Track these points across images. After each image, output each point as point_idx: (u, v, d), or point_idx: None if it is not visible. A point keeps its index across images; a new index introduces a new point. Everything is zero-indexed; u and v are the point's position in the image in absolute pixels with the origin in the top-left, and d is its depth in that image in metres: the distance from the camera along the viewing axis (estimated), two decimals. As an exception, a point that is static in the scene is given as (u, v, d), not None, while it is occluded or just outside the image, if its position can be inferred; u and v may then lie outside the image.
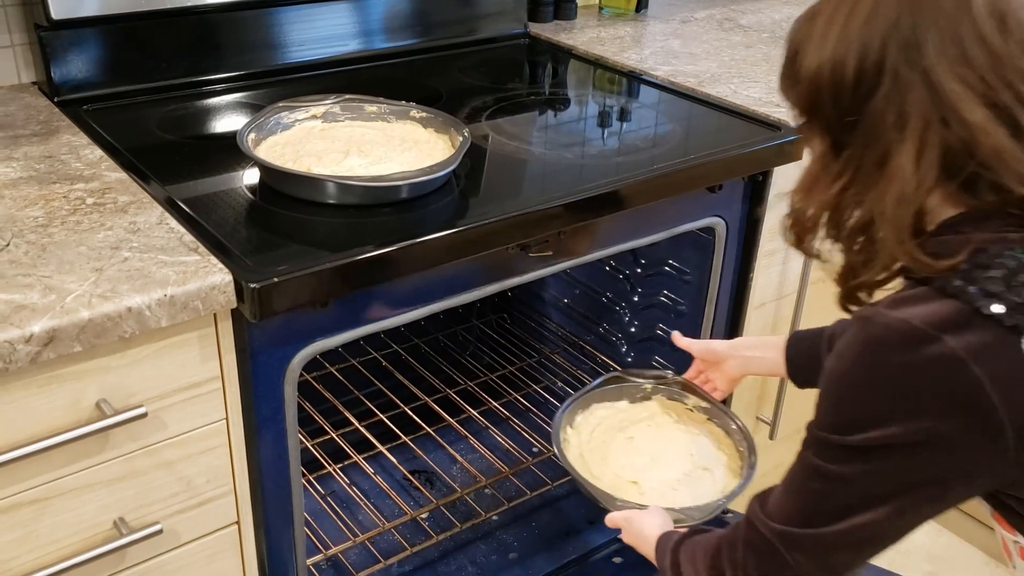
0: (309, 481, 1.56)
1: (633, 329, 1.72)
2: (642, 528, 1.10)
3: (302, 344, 1.05)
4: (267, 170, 1.14)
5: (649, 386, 1.41)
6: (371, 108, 1.31)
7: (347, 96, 1.31)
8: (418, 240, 1.04)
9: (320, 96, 1.30)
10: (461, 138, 1.21)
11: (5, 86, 1.41)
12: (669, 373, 1.41)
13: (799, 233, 0.86)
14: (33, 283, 0.90)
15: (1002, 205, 0.75)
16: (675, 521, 1.14)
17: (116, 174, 1.14)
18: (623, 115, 1.53)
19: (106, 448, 0.95)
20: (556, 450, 1.28)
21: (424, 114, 1.30)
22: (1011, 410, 0.72)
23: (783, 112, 1.43)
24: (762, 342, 1.26)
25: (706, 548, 0.94)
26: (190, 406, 0.98)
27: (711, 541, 0.94)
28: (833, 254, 0.87)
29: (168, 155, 1.25)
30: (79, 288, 0.90)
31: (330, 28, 1.58)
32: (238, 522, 1.09)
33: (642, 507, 1.15)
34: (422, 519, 1.51)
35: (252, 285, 0.93)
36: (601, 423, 1.37)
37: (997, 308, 0.72)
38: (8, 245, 0.97)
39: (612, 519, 1.17)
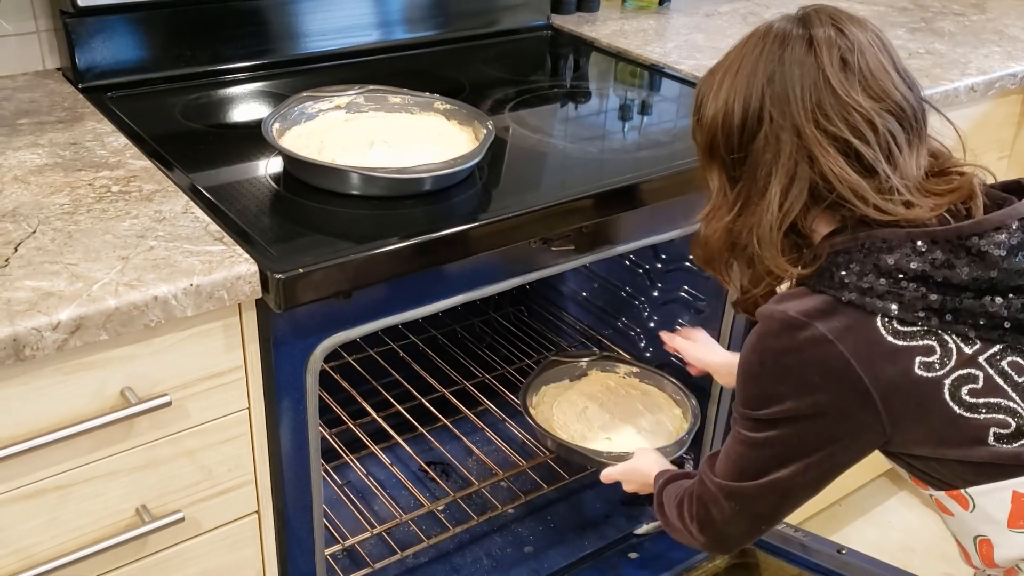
0: (326, 471, 1.56)
1: (652, 324, 1.71)
2: (640, 469, 1.26)
3: (324, 335, 1.05)
4: (291, 160, 1.14)
5: (584, 363, 1.63)
6: (395, 99, 1.30)
7: (371, 87, 1.30)
8: (442, 233, 1.04)
9: (344, 86, 1.30)
10: (485, 131, 1.20)
11: (30, 72, 1.42)
12: (597, 350, 1.69)
13: (706, 256, 1.01)
14: (60, 271, 0.91)
15: (860, 218, 0.90)
16: None
17: (141, 162, 1.15)
18: (646, 109, 1.52)
19: (130, 436, 0.95)
20: (534, 423, 1.45)
21: (448, 106, 1.29)
22: (873, 379, 0.87)
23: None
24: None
25: (678, 495, 1.10)
26: (213, 395, 0.99)
27: (681, 489, 1.10)
28: (735, 273, 1.02)
29: (192, 143, 1.25)
30: (106, 276, 0.90)
31: (353, 18, 1.58)
32: (258, 511, 1.09)
33: (628, 455, 1.31)
34: (438, 511, 1.52)
35: (278, 276, 0.93)
36: (554, 401, 1.56)
37: (851, 296, 0.88)
38: (35, 232, 0.97)
39: (609, 475, 1.31)
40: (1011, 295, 0.87)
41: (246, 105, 1.44)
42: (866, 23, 0.95)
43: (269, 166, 1.18)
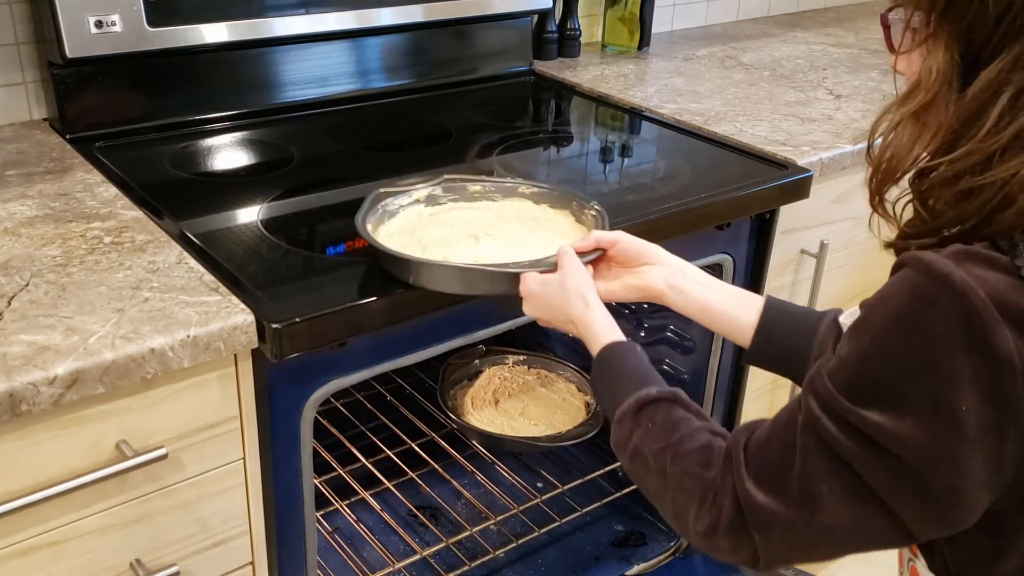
0: (316, 518, 1.55)
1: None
2: (567, 299, 0.91)
3: (319, 383, 1.05)
4: (399, 261, 1.01)
5: (477, 362, 1.72)
6: (474, 188, 1.20)
7: (447, 176, 1.20)
8: (436, 279, 1.05)
9: (420, 179, 1.19)
10: (594, 212, 1.11)
11: (17, 123, 1.42)
12: (483, 347, 1.73)
13: (884, 177, 0.70)
14: (55, 324, 0.90)
15: None
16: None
17: (132, 212, 1.15)
18: (631, 153, 1.54)
19: (125, 489, 0.94)
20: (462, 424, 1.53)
21: (534, 189, 1.19)
22: None
23: (790, 150, 1.45)
24: (709, 276, 1.01)
25: (693, 441, 0.76)
26: (209, 446, 0.98)
27: (699, 437, 0.76)
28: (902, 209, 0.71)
29: (182, 192, 1.26)
30: (102, 329, 0.90)
31: (336, 67, 1.60)
32: (252, 563, 1.08)
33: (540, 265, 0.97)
34: (430, 557, 1.51)
35: (275, 325, 0.93)
36: (468, 402, 1.63)
37: None
38: (28, 285, 0.97)
39: (527, 287, 0.95)
40: None
41: (233, 153, 1.45)
42: None
43: (259, 214, 1.19)
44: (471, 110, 1.65)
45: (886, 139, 0.71)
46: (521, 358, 1.75)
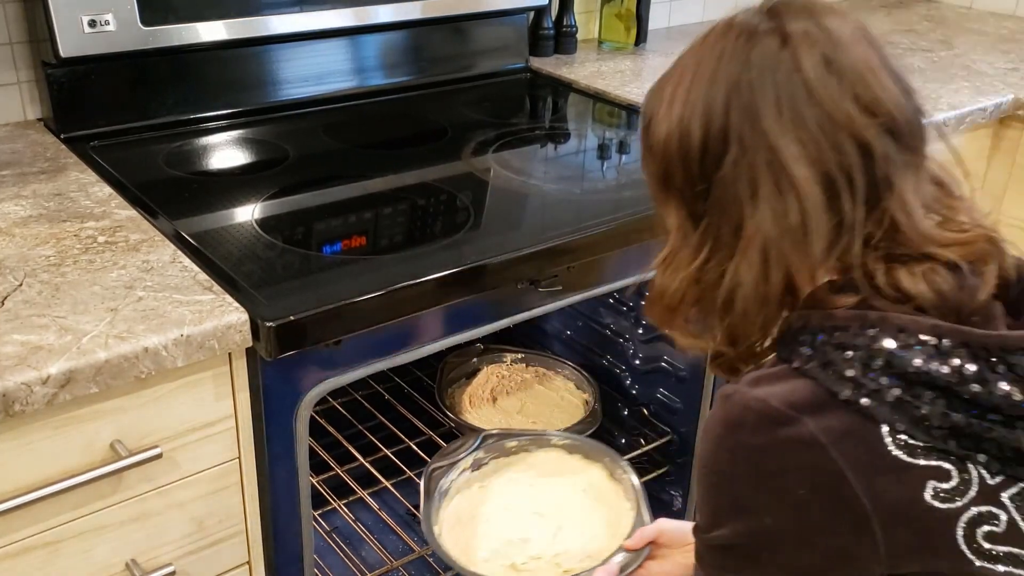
0: (314, 517, 1.55)
1: (637, 361, 1.72)
2: None
3: (314, 382, 1.05)
4: None
5: (475, 360, 1.69)
6: (511, 444, 1.28)
7: (484, 434, 1.29)
8: (430, 277, 1.05)
9: (462, 445, 1.27)
10: (625, 475, 1.19)
11: (11, 123, 1.42)
12: (480, 345, 1.69)
13: (664, 312, 0.81)
14: (48, 324, 0.90)
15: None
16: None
17: (126, 211, 1.14)
18: (628, 149, 1.54)
19: (119, 489, 0.94)
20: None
21: (566, 441, 1.28)
22: (873, 500, 0.68)
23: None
24: None
25: None
26: (203, 445, 0.98)
27: None
28: (704, 330, 0.82)
29: (176, 191, 1.25)
30: (95, 328, 0.89)
31: (332, 64, 1.59)
32: (249, 562, 1.08)
33: None
34: (428, 556, 1.50)
35: (268, 324, 0.93)
36: (466, 400, 1.61)
37: (849, 395, 0.69)
38: (21, 285, 0.97)
39: None
40: None
41: (228, 152, 1.44)
42: (847, 14, 0.76)
43: (255, 213, 1.19)
44: (467, 107, 1.65)
45: (653, 284, 0.83)
46: (519, 356, 1.75)
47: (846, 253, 0.72)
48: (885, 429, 0.68)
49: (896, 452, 0.68)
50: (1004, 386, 0.67)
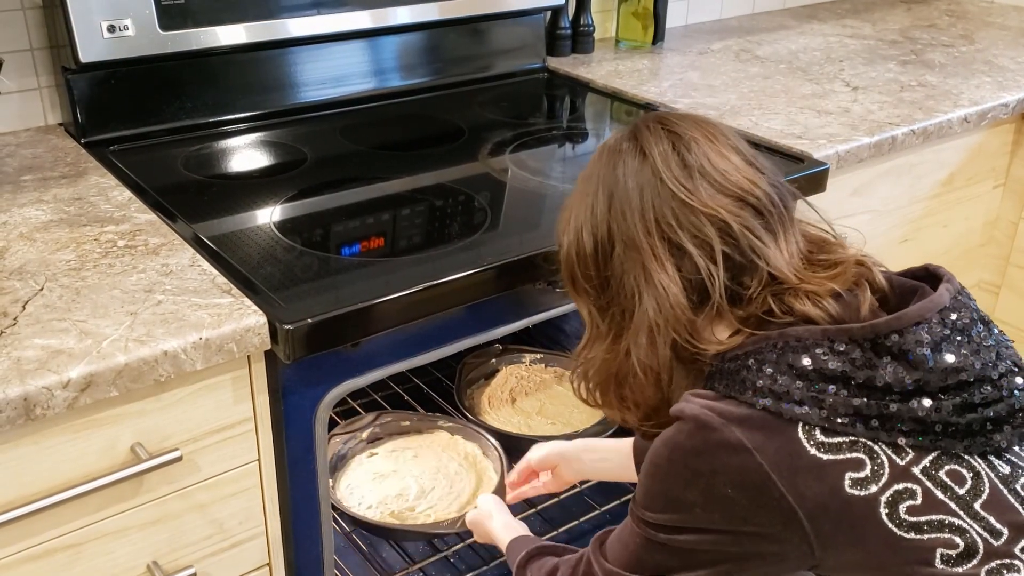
0: (334, 518, 1.55)
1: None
2: (483, 524, 1.19)
3: (332, 383, 1.05)
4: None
5: (493, 360, 1.72)
6: (404, 423, 1.54)
7: (380, 412, 1.55)
8: (448, 279, 1.05)
9: (362, 419, 1.51)
10: (497, 453, 1.45)
11: (32, 128, 1.43)
12: (499, 345, 1.72)
13: (588, 394, 0.95)
14: (68, 328, 0.91)
15: (762, 316, 0.84)
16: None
17: (145, 215, 1.15)
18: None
19: (140, 492, 0.94)
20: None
21: (451, 424, 1.52)
22: (798, 497, 0.77)
23: (806, 143, 1.43)
24: (604, 444, 1.28)
25: (548, 571, 1.01)
26: (223, 448, 0.98)
27: (553, 566, 1.01)
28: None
29: (195, 195, 1.26)
30: (115, 332, 0.90)
31: (349, 67, 1.59)
32: (269, 564, 1.08)
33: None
34: (450, 557, 1.50)
35: (287, 326, 0.93)
36: (485, 401, 1.65)
37: (766, 402, 0.79)
38: (42, 289, 0.97)
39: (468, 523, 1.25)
40: (941, 396, 0.78)
41: (247, 155, 1.45)
42: (700, 117, 0.90)
43: (272, 215, 1.19)
44: (484, 108, 1.65)
45: (576, 369, 0.96)
46: (538, 356, 1.74)
47: (733, 310, 0.84)
48: (801, 429, 0.78)
49: (813, 451, 0.78)
50: (889, 366, 0.78)
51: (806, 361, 0.79)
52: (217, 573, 1.03)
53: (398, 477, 1.44)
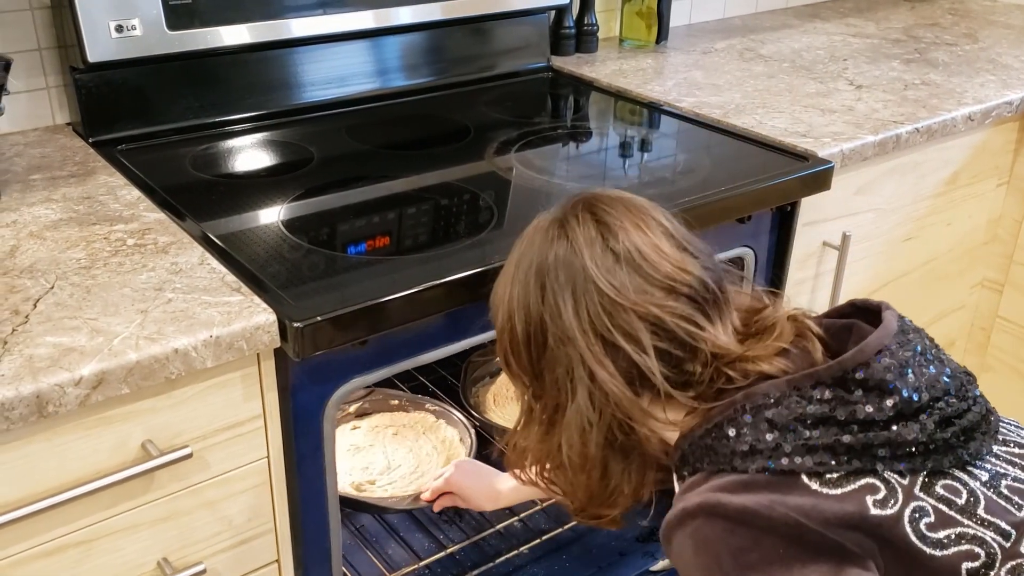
0: (342, 515, 1.56)
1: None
2: (497, 491, 1.23)
3: (341, 381, 1.06)
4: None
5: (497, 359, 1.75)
6: (393, 401, 1.58)
7: (372, 387, 1.53)
8: (456, 277, 1.05)
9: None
10: (472, 441, 1.48)
11: (40, 128, 1.44)
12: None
13: (523, 473, 0.95)
14: (80, 326, 0.91)
15: (717, 391, 0.83)
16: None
17: (154, 214, 1.16)
18: (650, 147, 1.54)
19: (151, 489, 0.95)
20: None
21: (437, 407, 1.54)
22: (833, 531, 0.75)
23: (810, 142, 1.44)
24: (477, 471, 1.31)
25: None
26: (233, 445, 0.99)
27: None
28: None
29: (204, 194, 1.26)
30: (126, 330, 0.91)
31: (354, 67, 1.60)
32: (278, 560, 1.09)
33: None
34: (456, 554, 1.51)
35: (296, 324, 0.94)
36: (490, 399, 1.66)
37: (758, 463, 0.78)
38: (53, 288, 0.98)
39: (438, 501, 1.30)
40: (922, 416, 0.78)
41: (254, 154, 1.46)
42: (631, 201, 0.88)
43: (281, 213, 1.20)
44: (489, 107, 1.65)
45: (511, 448, 0.96)
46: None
47: (682, 394, 0.83)
48: (804, 478, 0.77)
49: (826, 490, 0.77)
50: (864, 398, 0.78)
51: (784, 413, 0.79)
52: (226, 570, 1.04)
53: (371, 451, 1.48)
